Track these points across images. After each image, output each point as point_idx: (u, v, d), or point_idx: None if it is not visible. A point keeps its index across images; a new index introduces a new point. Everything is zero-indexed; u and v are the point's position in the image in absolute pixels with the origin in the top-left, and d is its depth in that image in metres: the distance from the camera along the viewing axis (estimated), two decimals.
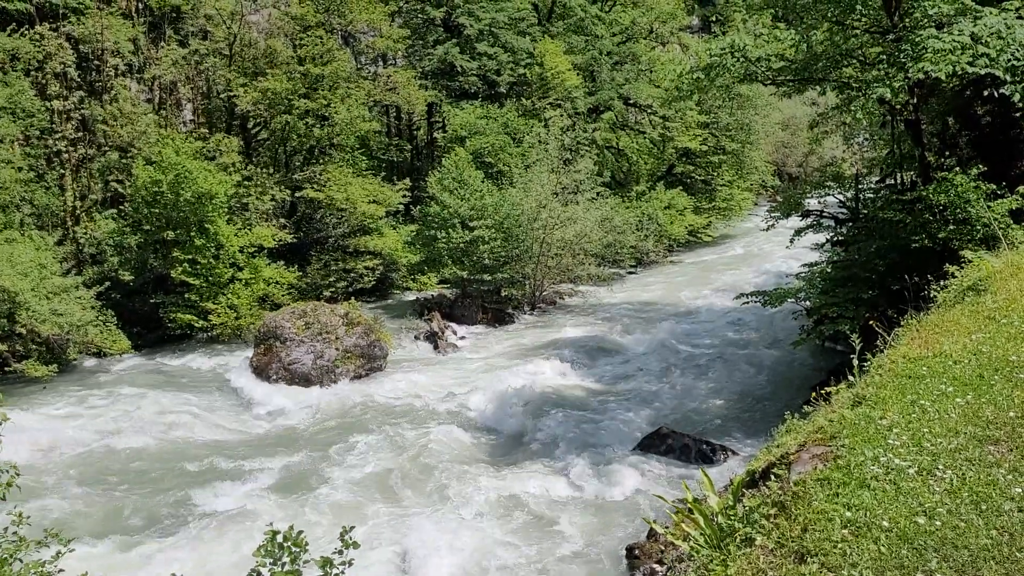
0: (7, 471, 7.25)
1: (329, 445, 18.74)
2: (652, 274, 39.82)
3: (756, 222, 44.37)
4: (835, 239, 22.91)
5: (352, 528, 6.73)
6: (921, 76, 13.81)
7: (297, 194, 31.92)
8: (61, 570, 6.82)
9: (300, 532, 6.50)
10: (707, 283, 36.31)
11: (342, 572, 6.49)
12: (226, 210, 28.38)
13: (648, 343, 26.80)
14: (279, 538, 6.43)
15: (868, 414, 7.23)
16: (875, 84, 14.44)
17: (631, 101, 44.83)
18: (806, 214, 23.22)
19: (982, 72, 13.40)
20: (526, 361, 24.78)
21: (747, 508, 6.37)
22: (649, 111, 45.20)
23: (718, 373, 23.21)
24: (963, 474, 6.10)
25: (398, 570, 13.38)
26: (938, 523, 5.51)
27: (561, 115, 38.49)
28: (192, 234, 27.24)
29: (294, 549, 6.42)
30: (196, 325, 27.57)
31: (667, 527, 8.77)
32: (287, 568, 6.39)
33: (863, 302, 17.89)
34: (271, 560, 6.37)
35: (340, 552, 6.49)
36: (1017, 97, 13.55)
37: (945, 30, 13.88)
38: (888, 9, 15.62)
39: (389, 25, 37.24)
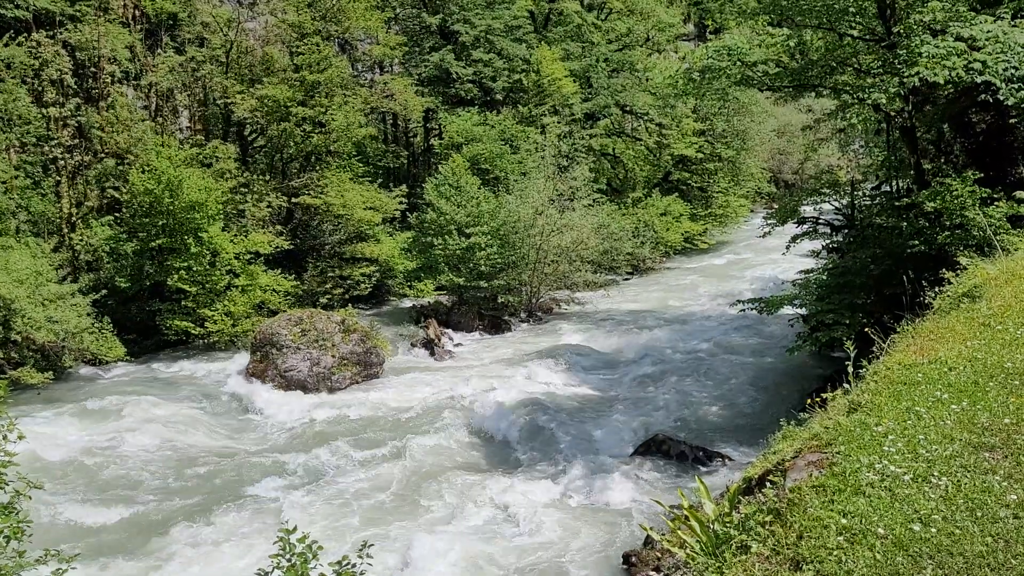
0: (20, 492, 7.20)
1: (324, 453, 18.67)
2: (648, 281, 39.83)
3: (752, 229, 44.43)
4: (831, 246, 22.96)
5: (371, 545, 7.16)
6: (916, 82, 13.88)
7: (294, 200, 31.92)
8: None
9: (315, 542, 6.70)
10: (703, 290, 36.34)
11: None
12: (221, 217, 28.37)
13: (644, 350, 26.78)
14: (293, 538, 6.61)
15: (864, 421, 7.22)
16: (870, 90, 14.52)
17: (628, 108, 44.91)
18: (802, 221, 23.29)
19: (978, 80, 13.48)
20: (522, 368, 24.76)
21: (743, 515, 6.36)
22: (646, 118, 45.26)
23: (714, 380, 23.20)
24: (958, 481, 6.10)
25: None
26: (933, 530, 5.50)
27: (558, 122, 38.55)
28: (188, 241, 27.21)
29: (308, 556, 6.60)
30: (192, 332, 27.50)
31: (664, 534, 8.75)
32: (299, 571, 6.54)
33: (859, 308, 17.93)
34: (286, 558, 6.56)
35: (353, 565, 6.86)
36: (1012, 101, 13.61)
37: (939, 37, 13.97)
38: (883, 16, 15.69)
39: (386, 32, 37.32)
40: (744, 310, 23.24)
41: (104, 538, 14.95)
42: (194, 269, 27.34)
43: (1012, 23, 14.05)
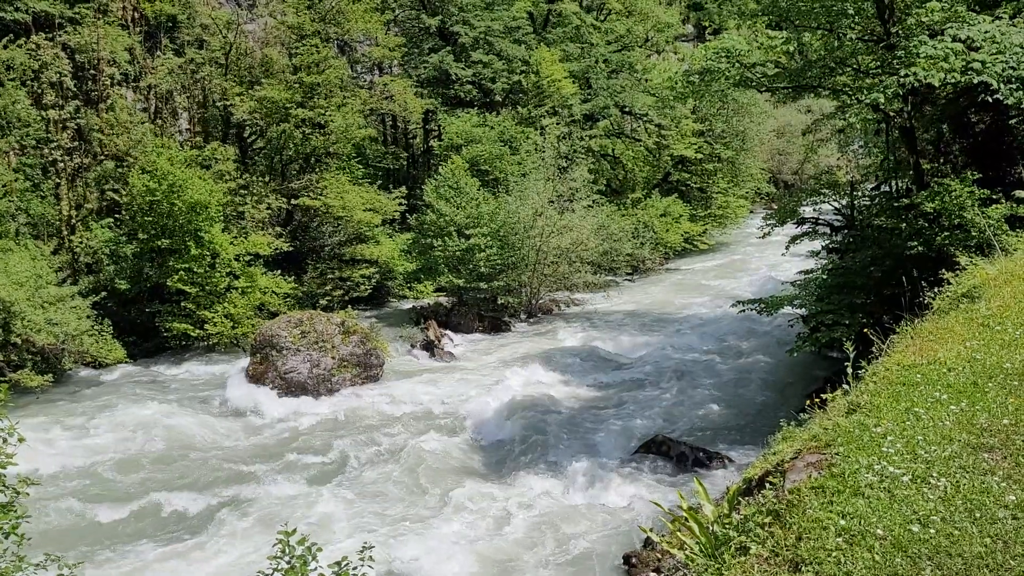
0: (18, 491, 7.23)
1: (325, 455, 18.69)
2: (648, 282, 39.84)
3: (752, 230, 44.41)
4: (830, 246, 22.96)
5: (372, 547, 7.22)
6: (914, 82, 13.90)
7: (293, 202, 31.93)
8: None
9: (314, 544, 6.73)
10: (703, 290, 36.33)
11: None
12: (221, 219, 28.38)
13: (644, 351, 26.79)
14: (293, 540, 6.64)
15: (863, 422, 7.23)
16: (869, 91, 14.53)
17: (627, 109, 44.93)
18: (801, 221, 23.29)
19: (975, 80, 13.49)
20: (522, 369, 24.75)
21: (742, 517, 6.36)
22: (645, 119, 45.27)
23: (714, 380, 23.21)
24: (957, 482, 6.10)
25: None
26: (932, 531, 5.50)
27: (557, 123, 38.57)
28: (188, 243, 27.22)
29: (307, 557, 6.63)
30: (192, 334, 27.49)
31: (663, 536, 8.76)
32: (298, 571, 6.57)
33: (858, 309, 17.92)
34: (285, 560, 6.59)
35: (354, 568, 6.96)
36: (1011, 101, 13.62)
37: (938, 38, 13.98)
38: (882, 17, 15.71)
39: (385, 33, 37.35)
40: (744, 310, 23.23)
41: (104, 539, 14.94)
42: (194, 271, 27.35)
43: (1010, 23, 14.06)
